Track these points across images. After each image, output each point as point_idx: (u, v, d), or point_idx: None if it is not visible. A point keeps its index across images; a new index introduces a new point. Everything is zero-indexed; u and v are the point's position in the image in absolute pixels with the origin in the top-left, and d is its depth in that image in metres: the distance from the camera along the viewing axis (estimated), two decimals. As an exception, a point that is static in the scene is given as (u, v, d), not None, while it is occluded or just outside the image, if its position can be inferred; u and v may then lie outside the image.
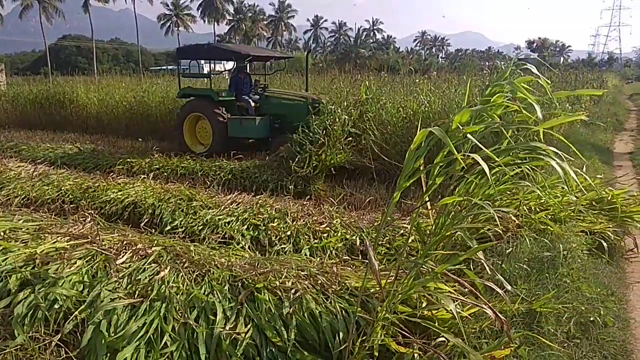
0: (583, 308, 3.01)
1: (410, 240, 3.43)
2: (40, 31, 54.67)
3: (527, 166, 3.40)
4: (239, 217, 4.75)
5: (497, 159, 2.57)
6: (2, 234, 3.56)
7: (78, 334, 2.63)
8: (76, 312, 2.70)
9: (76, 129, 12.70)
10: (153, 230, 4.54)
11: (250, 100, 8.92)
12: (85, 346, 2.53)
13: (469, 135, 2.44)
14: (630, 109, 22.00)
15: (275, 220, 4.69)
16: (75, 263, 3.12)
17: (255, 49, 11.33)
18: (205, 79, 10.86)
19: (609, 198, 4.83)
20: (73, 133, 12.14)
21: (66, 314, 2.73)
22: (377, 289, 2.90)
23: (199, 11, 65.44)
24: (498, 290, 2.52)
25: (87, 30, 61.61)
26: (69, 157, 8.33)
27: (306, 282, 3.00)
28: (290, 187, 6.45)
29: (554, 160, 2.42)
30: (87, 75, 22.79)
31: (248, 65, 9.98)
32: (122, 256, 3.24)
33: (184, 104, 9.37)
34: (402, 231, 4.46)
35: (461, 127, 2.52)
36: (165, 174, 7.21)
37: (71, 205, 5.47)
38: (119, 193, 5.53)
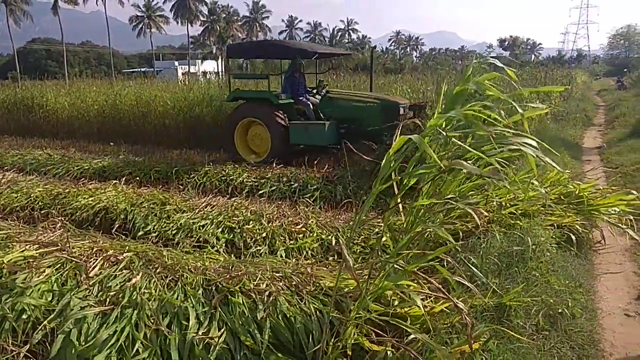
0: (552, 300, 3.08)
1: (384, 239, 3.46)
2: (8, 35, 53.21)
3: (498, 160, 3.47)
4: (214, 220, 4.72)
5: (483, 156, 2.62)
6: (-33, 244, 3.46)
7: (47, 344, 2.57)
8: (45, 322, 2.64)
9: (46, 135, 12.41)
10: (125, 236, 4.47)
11: (310, 103, 8.13)
12: (54, 356, 2.47)
13: (454, 140, 2.50)
14: (599, 105, 22.60)
15: (251, 222, 4.67)
16: (44, 271, 3.05)
17: (318, 45, 10.02)
18: (261, 80, 10.02)
19: (577, 192, 4.96)
20: (43, 139, 11.86)
21: (35, 324, 2.67)
22: (351, 288, 2.92)
23: (172, 12, 64.60)
24: (468, 284, 2.57)
25: (56, 33, 60.30)
26: (38, 163, 8.12)
27: (281, 284, 3.00)
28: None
29: (527, 148, 2.48)
30: (58, 79, 22.33)
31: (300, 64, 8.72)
32: (93, 263, 3.18)
33: (236, 107, 8.47)
34: (377, 230, 4.49)
35: (444, 133, 2.59)
36: (138, 178, 7.09)
37: (41, 213, 5.34)
38: (90, 199, 5.42)
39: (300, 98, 8.20)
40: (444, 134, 2.80)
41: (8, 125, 13.42)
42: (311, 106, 8.08)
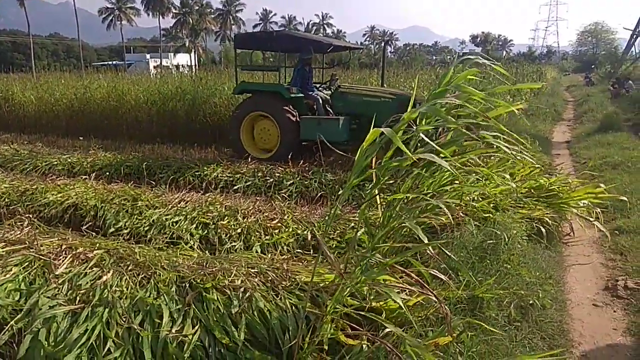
0: (523, 292, 3.15)
1: (360, 233, 3.48)
2: (-30, 25, 51.30)
3: (472, 156, 3.53)
4: (188, 216, 4.65)
5: (443, 151, 2.65)
6: None
7: (15, 345, 2.50)
8: (12, 322, 2.56)
9: (12, 129, 12.04)
10: (96, 233, 4.36)
11: (319, 97, 7.87)
12: (22, 357, 2.40)
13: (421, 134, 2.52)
14: (568, 100, 23.18)
15: (226, 218, 4.62)
16: (11, 270, 2.96)
17: (332, 39, 9.65)
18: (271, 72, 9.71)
19: (547, 186, 5.08)
20: (9, 133, 11.50)
21: (1, 324, 2.59)
22: (327, 283, 2.92)
23: (143, 4, 63.25)
24: (442, 277, 2.60)
25: (23, 24, 58.36)
26: (4, 159, 7.85)
27: (256, 280, 2.98)
28: None
29: (500, 143, 2.52)
30: (25, 72, 21.65)
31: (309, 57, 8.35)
32: (62, 261, 3.10)
33: (242, 101, 8.20)
34: (352, 224, 4.50)
35: (414, 125, 2.59)
36: (109, 173, 6.93)
37: (7, 209, 5.18)
38: (59, 195, 5.27)
39: (310, 92, 7.99)
40: (414, 127, 2.82)
41: (-28, 120, 12.95)
42: (321, 101, 7.85)
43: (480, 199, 4.19)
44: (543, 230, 4.36)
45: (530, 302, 3.12)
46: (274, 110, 7.54)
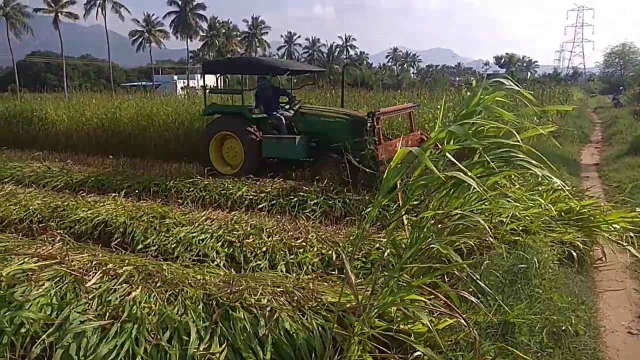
0: (555, 318, 3.06)
1: (386, 254, 3.45)
2: (8, 48, 53.48)
3: (500, 179, 3.48)
4: (214, 234, 4.70)
5: (468, 172, 2.63)
6: (-35, 256, 3.43)
7: (46, 359, 2.54)
8: (44, 336, 2.61)
9: (45, 147, 12.36)
10: (124, 250, 4.43)
11: (282, 117, 8.26)
12: (53, 371, 2.44)
13: (447, 154, 2.51)
14: (595, 122, 22.75)
15: (251, 236, 4.65)
16: (43, 285, 3.03)
17: (291, 62, 10.63)
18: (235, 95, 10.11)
19: (577, 209, 4.96)
20: (41, 151, 11.81)
21: (33, 338, 2.64)
22: (354, 303, 2.90)
23: (172, 27, 65.11)
24: (474, 300, 2.55)
25: (56, 46, 60.55)
26: (37, 176, 8.08)
27: (282, 299, 2.97)
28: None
29: (532, 165, 2.49)
30: (57, 92, 22.39)
31: (272, 79, 9.11)
32: (92, 277, 3.15)
33: (211, 121, 8.73)
34: (378, 245, 4.47)
35: (440, 146, 2.59)
36: (137, 191, 7.06)
37: (39, 225, 5.31)
38: (89, 212, 5.39)
39: (274, 113, 8.40)
40: (440, 146, 2.81)
41: (7, 138, 13.36)
42: (284, 121, 8.23)
43: (510, 222, 4.12)
44: (574, 254, 4.25)
45: (563, 328, 3.03)
46: (238, 130, 8.03)
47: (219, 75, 9.87)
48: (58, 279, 3.13)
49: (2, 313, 2.76)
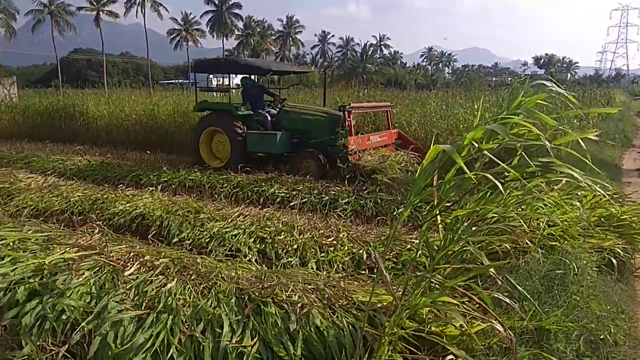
0: (593, 326, 2.97)
1: (418, 255, 3.42)
2: (52, 44, 55.52)
3: (539, 183, 3.39)
4: (246, 230, 4.76)
5: (516, 173, 2.58)
6: (11, 244, 3.59)
7: (85, 345, 2.63)
8: (83, 323, 2.70)
9: (85, 141, 12.80)
10: (160, 242, 4.55)
11: (267, 115, 8.82)
12: (92, 357, 2.53)
13: (485, 152, 2.46)
14: (638, 126, 21.89)
15: (282, 233, 4.69)
16: (83, 274, 3.14)
17: (274, 63, 11.36)
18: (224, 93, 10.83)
19: (618, 215, 4.80)
20: (82, 145, 12.22)
21: (73, 325, 2.74)
22: (385, 303, 2.89)
23: (208, 26, 66.21)
24: (511, 303, 2.50)
25: (97, 43, 62.39)
26: (78, 169, 8.40)
27: (313, 296, 2.99)
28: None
29: (573, 171, 2.42)
30: (97, 88, 23.05)
31: (262, 79, 9.95)
32: (130, 268, 3.25)
33: (201, 118, 9.33)
34: (409, 246, 4.44)
35: (476, 144, 2.54)
36: (173, 186, 7.24)
37: (80, 217, 5.50)
38: (127, 205, 5.56)
39: (260, 111, 8.93)
40: (475, 145, 2.75)
41: (50, 132, 13.91)
42: (269, 118, 8.76)
43: (547, 226, 4.02)
44: (614, 261, 4.10)
45: (601, 337, 2.93)
46: (225, 125, 8.61)
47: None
48: (97, 268, 3.24)
49: (45, 299, 2.88)
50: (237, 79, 11.24)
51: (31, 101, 16.18)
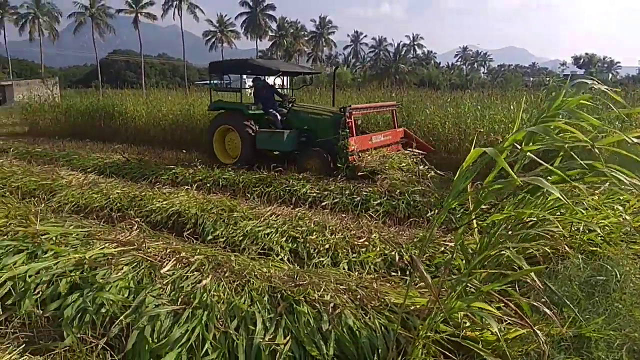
0: (636, 335, 2.85)
1: (454, 258, 3.37)
2: (93, 46, 57.37)
3: (578, 186, 3.29)
4: (279, 229, 4.80)
5: (562, 174, 2.51)
6: (54, 239, 3.72)
7: (123, 338, 2.71)
8: (122, 317, 2.78)
9: (124, 140, 13.17)
10: (195, 240, 4.64)
11: (277, 114, 9.09)
12: (129, 350, 2.60)
13: (529, 154, 2.40)
14: (686, 128, 20.93)
15: (314, 233, 4.70)
16: (122, 269, 3.23)
17: (284, 64, 11.75)
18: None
19: (663, 220, 4.59)
20: (121, 144, 12.58)
21: (112, 318, 2.83)
22: (418, 306, 2.85)
23: (243, 28, 67.10)
24: (547, 311, 2.43)
25: (136, 45, 64.21)
26: (117, 167, 8.65)
27: (345, 296, 2.99)
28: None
29: (619, 173, 2.34)
30: (135, 89, 23.67)
31: (275, 79, 10.34)
32: (167, 264, 3.32)
33: (215, 116, 9.70)
34: (442, 248, 4.38)
35: (518, 146, 2.49)
36: (208, 184, 7.37)
37: (118, 213, 5.67)
38: (164, 202, 5.69)
39: (270, 110, 9.17)
40: (518, 147, 2.69)
41: (91, 130, 14.38)
42: (278, 117, 9.00)
43: (587, 231, 3.89)
44: (659, 269, 3.93)
45: (645, 347, 2.82)
46: (237, 124, 8.95)
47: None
48: (135, 264, 3.33)
49: (85, 293, 2.98)
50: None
51: (73, 101, 16.76)
